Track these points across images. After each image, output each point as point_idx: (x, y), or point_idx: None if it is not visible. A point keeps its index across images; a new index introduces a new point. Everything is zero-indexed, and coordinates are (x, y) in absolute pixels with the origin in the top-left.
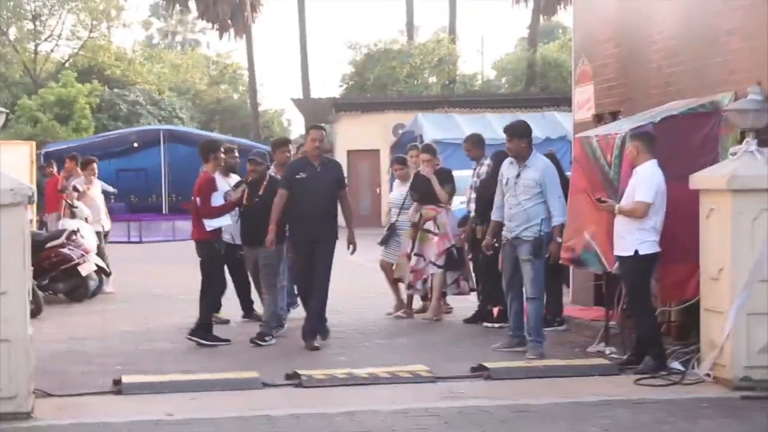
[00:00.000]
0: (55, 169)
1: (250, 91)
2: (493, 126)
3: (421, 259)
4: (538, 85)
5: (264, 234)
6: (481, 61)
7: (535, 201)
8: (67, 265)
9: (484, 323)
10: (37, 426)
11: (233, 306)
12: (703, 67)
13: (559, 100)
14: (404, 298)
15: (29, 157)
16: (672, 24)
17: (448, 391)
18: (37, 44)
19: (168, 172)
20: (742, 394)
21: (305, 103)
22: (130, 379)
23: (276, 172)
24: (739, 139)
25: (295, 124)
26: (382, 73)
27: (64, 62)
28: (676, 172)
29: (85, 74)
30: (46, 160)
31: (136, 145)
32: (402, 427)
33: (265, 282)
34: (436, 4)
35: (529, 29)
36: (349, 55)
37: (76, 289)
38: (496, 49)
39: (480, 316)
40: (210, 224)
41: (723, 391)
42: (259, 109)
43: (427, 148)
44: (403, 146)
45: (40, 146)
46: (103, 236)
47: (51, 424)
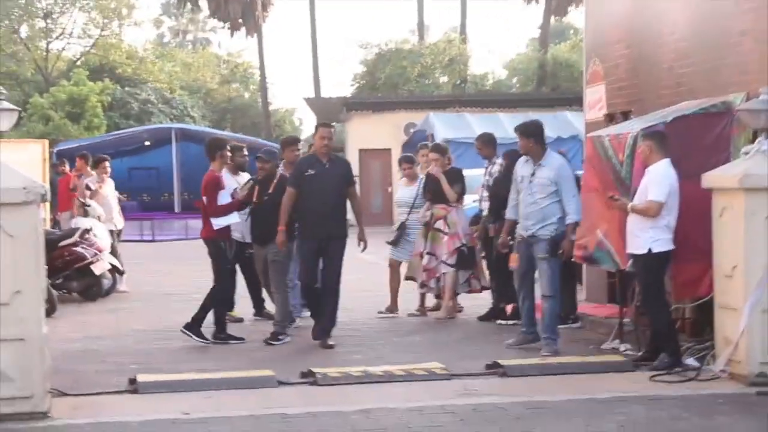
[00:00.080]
0: (67, 167)
1: (261, 89)
2: (505, 125)
3: (433, 258)
4: (549, 85)
5: (274, 232)
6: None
7: (551, 199)
8: (81, 264)
9: (498, 321)
10: (54, 425)
11: (247, 304)
12: (715, 68)
13: (570, 100)
14: (416, 298)
15: (42, 156)
16: (683, 25)
17: (463, 389)
18: (49, 42)
19: (180, 171)
20: (758, 389)
21: (317, 102)
22: (145, 378)
23: (285, 170)
24: (752, 139)
25: (307, 123)
26: (393, 73)
27: (76, 60)
28: (688, 171)
29: (97, 72)
30: (58, 158)
31: (147, 144)
32: (417, 424)
33: (275, 280)
34: (447, 4)
35: (541, 29)
36: (361, 54)
37: (89, 288)
38: (507, 49)
39: (494, 313)
40: (217, 223)
41: (738, 387)
42: (271, 108)
43: (435, 148)
44: (415, 145)
45: (52, 144)
46: (116, 235)
47: (67, 423)
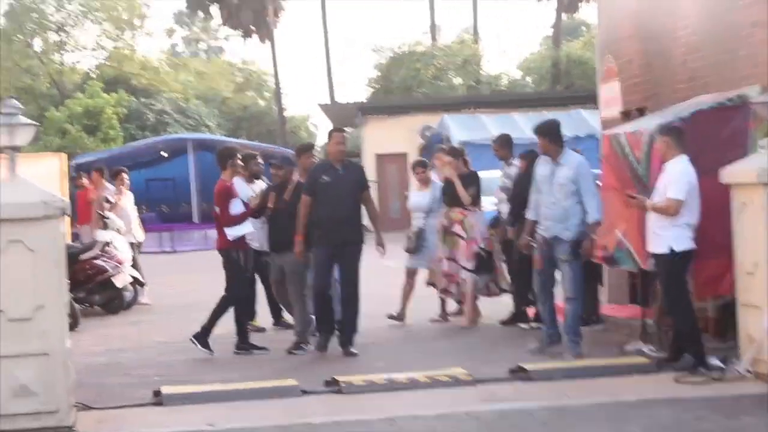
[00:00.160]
0: (86, 180)
1: (276, 96)
2: (520, 125)
3: (453, 263)
4: (563, 84)
5: (290, 240)
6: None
7: (572, 200)
8: (102, 277)
9: (520, 324)
10: None
11: (268, 314)
12: (728, 60)
13: (585, 98)
14: (437, 304)
15: (60, 169)
16: (695, 18)
17: (488, 394)
18: (63, 55)
19: (197, 181)
20: None
21: (332, 108)
22: (169, 390)
23: (301, 177)
24: None
25: (322, 129)
26: (407, 76)
27: (90, 73)
28: (706, 167)
29: (111, 84)
30: (77, 171)
31: (165, 155)
32: (443, 431)
33: (293, 290)
34: (458, 5)
35: (553, 28)
36: (374, 58)
37: (111, 301)
38: (520, 49)
39: (516, 317)
40: (231, 233)
41: (764, 387)
42: (286, 115)
43: (449, 151)
44: (432, 149)
45: (69, 158)
46: (137, 247)
47: None
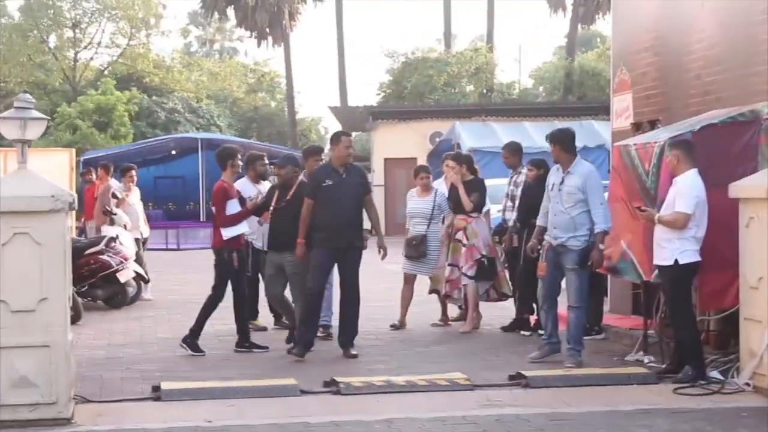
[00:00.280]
0: (94, 176)
1: (288, 99)
2: (531, 134)
3: (455, 269)
4: (575, 94)
5: (291, 240)
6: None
7: (580, 209)
8: (106, 272)
9: (521, 331)
10: None
11: (269, 314)
12: (743, 75)
13: (597, 109)
14: (438, 309)
15: (69, 164)
16: (711, 33)
17: (486, 399)
18: (77, 52)
19: (205, 180)
20: None
21: (342, 111)
22: (169, 386)
23: (306, 178)
24: None
25: (333, 132)
26: (420, 82)
27: (104, 70)
28: (715, 181)
29: (124, 82)
30: (85, 166)
31: (174, 153)
32: None
33: (294, 292)
34: (473, 13)
35: (567, 38)
36: (387, 63)
37: (114, 296)
38: (533, 58)
39: (517, 324)
40: (226, 233)
41: (763, 401)
42: (297, 117)
43: (453, 156)
44: (440, 155)
45: (79, 153)
46: (141, 243)
47: (90, 429)
